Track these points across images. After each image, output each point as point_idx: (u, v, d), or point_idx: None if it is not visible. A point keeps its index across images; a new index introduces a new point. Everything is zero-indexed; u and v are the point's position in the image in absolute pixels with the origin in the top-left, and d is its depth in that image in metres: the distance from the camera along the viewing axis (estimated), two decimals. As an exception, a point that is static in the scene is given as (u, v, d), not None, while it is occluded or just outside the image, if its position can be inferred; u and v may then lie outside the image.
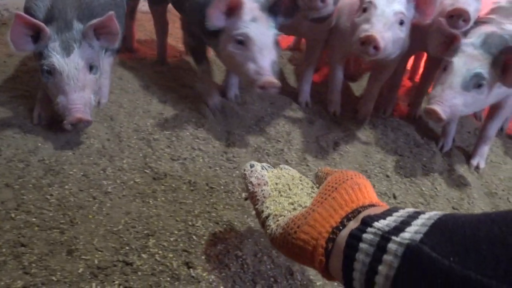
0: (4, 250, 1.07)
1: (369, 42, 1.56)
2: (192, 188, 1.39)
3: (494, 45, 1.56)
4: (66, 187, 1.31)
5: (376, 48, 1.56)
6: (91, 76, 1.46)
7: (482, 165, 1.99)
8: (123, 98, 1.82)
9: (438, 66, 1.78)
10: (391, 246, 0.55)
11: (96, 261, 1.08)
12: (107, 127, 1.62)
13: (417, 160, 1.91)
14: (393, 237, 0.56)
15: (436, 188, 1.78)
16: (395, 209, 0.64)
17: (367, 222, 0.63)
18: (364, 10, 1.66)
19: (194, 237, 1.20)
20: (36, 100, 1.60)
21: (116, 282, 1.04)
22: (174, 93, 1.94)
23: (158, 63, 2.26)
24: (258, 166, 0.98)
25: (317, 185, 0.94)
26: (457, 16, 1.68)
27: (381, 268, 0.55)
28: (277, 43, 1.59)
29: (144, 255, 1.12)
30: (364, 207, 0.72)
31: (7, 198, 1.23)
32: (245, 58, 1.53)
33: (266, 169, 0.99)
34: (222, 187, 1.42)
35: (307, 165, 1.66)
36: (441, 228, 0.53)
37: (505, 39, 1.60)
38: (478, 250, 0.46)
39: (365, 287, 0.58)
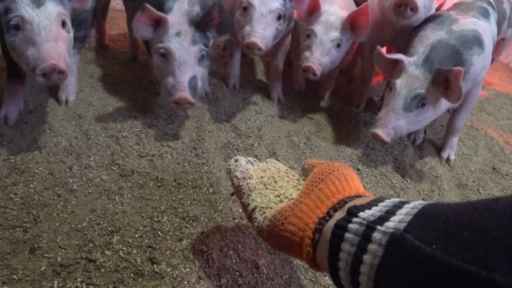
0: (-35, 250, 1.06)
1: (309, 71, 1.81)
2: (159, 184, 1.39)
3: (437, 60, 1.60)
4: (31, 185, 1.30)
5: (314, 74, 1.81)
6: (64, 32, 1.37)
7: (452, 157, 2.02)
8: (93, 96, 1.81)
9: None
10: (376, 235, 0.55)
11: (59, 259, 1.08)
12: (75, 125, 1.60)
13: (388, 153, 1.93)
14: (378, 227, 0.56)
15: (407, 181, 1.80)
16: (381, 199, 0.65)
17: (352, 212, 0.63)
18: (308, 36, 1.88)
19: (159, 233, 1.20)
20: (3, 100, 1.57)
21: (79, 279, 1.04)
22: (145, 90, 1.93)
23: (129, 61, 2.24)
24: (242, 160, 0.98)
25: (303, 178, 0.95)
26: (405, 5, 1.70)
27: (366, 257, 0.55)
28: (203, 58, 1.61)
29: (108, 252, 1.12)
30: (351, 198, 0.72)
31: (-30, 198, 1.22)
32: (165, 71, 1.56)
33: (251, 163, 0.99)
34: (190, 182, 1.42)
35: (277, 159, 1.66)
36: (424, 217, 0.53)
37: (452, 45, 1.63)
38: (459, 236, 0.46)
39: (350, 277, 0.59)
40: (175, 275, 1.08)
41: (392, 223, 0.55)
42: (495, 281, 0.40)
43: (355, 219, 0.61)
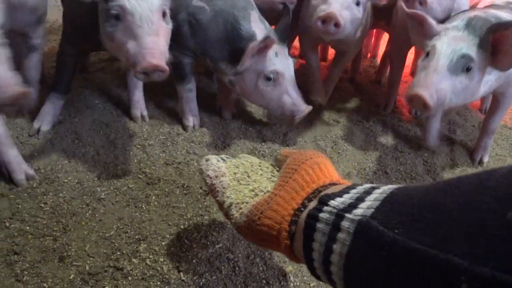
0: (-3, 259, 1.09)
1: (329, 19, 1.57)
2: (185, 192, 1.39)
3: (479, 27, 1.41)
4: (60, 195, 1.32)
5: (337, 25, 1.58)
6: (164, 23, 1.31)
7: (485, 159, 1.95)
8: (119, 105, 1.83)
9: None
10: (344, 223, 0.55)
11: (87, 267, 1.09)
12: (103, 134, 1.63)
13: (418, 156, 1.88)
14: (347, 214, 0.55)
15: (438, 184, 1.75)
16: (353, 186, 0.64)
17: (323, 201, 0.62)
18: None
19: (185, 240, 1.20)
20: (41, 111, 1.60)
21: (106, 287, 1.05)
22: (171, 98, 1.94)
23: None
24: (213, 159, 0.97)
25: (278, 169, 0.93)
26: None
27: (335, 246, 0.55)
28: None
29: (135, 260, 1.13)
30: (325, 186, 0.71)
31: (2, 207, 1.25)
32: (278, 93, 1.57)
33: (224, 160, 0.98)
34: (215, 190, 1.42)
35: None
36: (391, 201, 0.52)
37: (490, 21, 1.44)
38: (422, 219, 0.46)
39: (323, 267, 0.58)
40: (201, 283, 1.08)
41: (360, 210, 0.54)
42: (452, 263, 0.39)
43: (325, 207, 0.60)
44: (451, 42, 1.40)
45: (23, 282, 1.04)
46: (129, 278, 1.08)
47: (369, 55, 3.11)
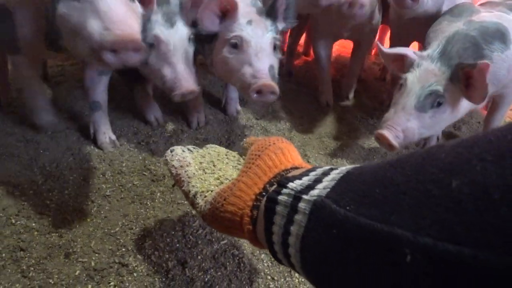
0: (3, 255, 1.09)
1: (355, 3, 1.65)
2: (190, 188, 1.39)
3: (455, 53, 1.39)
4: (66, 192, 1.33)
5: (362, 5, 1.66)
6: (190, 49, 1.46)
7: (489, 157, 1.92)
8: (123, 103, 1.84)
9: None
10: (301, 205, 0.55)
11: (92, 263, 1.10)
12: (108, 131, 1.63)
13: (423, 152, 1.87)
14: (304, 196, 0.55)
15: (443, 180, 1.74)
16: (313, 169, 0.63)
17: (283, 184, 0.62)
18: None
19: (190, 237, 1.20)
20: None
21: (112, 283, 1.05)
22: (175, 95, 1.95)
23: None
24: (178, 149, 0.97)
25: (244, 157, 0.92)
26: None
27: (292, 228, 0.55)
28: (276, 49, 1.47)
29: (140, 256, 1.13)
30: (287, 171, 0.71)
31: (8, 204, 1.25)
32: (240, 62, 1.41)
33: (190, 151, 0.98)
34: (220, 186, 1.42)
35: (308, 161, 1.64)
36: (346, 180, 0.52)
37: (471, 36, 1.43)
38: (372, 194, 0.45)
39: (282, 250, 0.58)
40: (206, 279, 1.08)
41: (316, 191, 0.54)
42: (396, 235, 0.39)
43: (284, 190, 0.60)
44: (421, 77, 1.39)
45: (29, 278, 1.04)
46: (134, 274, 1.08)
47: (373, 52, 3.10)
